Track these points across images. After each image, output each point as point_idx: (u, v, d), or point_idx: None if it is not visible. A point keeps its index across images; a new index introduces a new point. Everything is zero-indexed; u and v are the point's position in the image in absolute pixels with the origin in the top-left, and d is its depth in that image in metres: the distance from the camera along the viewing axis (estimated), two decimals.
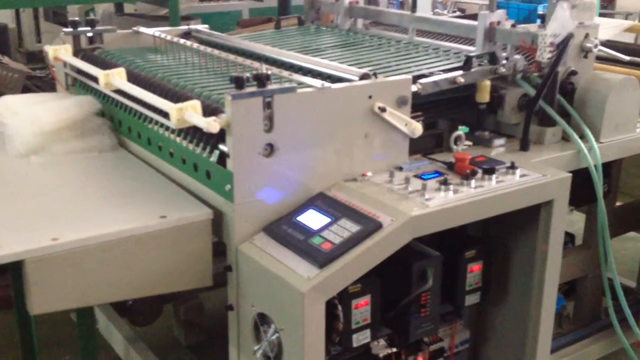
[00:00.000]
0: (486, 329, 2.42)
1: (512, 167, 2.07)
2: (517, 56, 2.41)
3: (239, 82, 1.77)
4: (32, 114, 2.28)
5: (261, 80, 1.80)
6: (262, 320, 1.82)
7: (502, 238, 2.25)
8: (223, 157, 1.87)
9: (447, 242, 2.09)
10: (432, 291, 2.01)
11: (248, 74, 1.80)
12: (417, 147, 2.22)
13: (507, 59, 2.38)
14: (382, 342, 2.10)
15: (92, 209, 1.88)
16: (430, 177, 2.02)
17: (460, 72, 2.25)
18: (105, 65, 2.44)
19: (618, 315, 2.57)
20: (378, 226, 1.77)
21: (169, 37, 2.76)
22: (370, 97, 1.99)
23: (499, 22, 2.51)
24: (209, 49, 2.50)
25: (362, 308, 1.89)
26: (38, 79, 4.75)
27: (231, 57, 2.37)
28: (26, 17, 9.13)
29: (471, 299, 2.19)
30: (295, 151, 1.90)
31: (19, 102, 2.42)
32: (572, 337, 2.79)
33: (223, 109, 1.87)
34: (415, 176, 2.03)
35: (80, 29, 2.72)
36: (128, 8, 5.95)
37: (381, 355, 2.11)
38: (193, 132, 1.99)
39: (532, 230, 2.15)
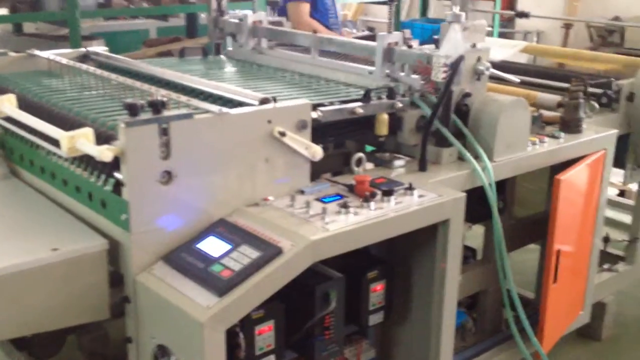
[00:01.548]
0: (391, 346, 2.46)
1: (410, 188, 2.12)
2: (414, 76, 2.48)
3: (132, 109, 1.74)
4: None
5: (156, 107, 1.77)
6: (162, 352, 1.78)
7: (404, 257, 2.30)
8: (118, 186, 1.82)
9: (350, 263, 2.12)
10: (335, 313, 2.03)
11: (142, 101, 1.76)
12: (325, 167, 2.24)
13: (403, 95, 2.44)
14: None
15: None
16: (331, 200, 2.05)
17: (360, 103, 2.30)
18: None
19: (519, 326, 2.67)
20: (278, 251, 1.77)
21: (64, 61, 2.68)
22: (269, 121, 2.00)
23: (396, 43, 2.58)
24: (105, 73, 2.45)
25: (265, 334, 1.88)
26: None
27: (129, 81, 2.33)
28: None
29: (375, 319, 2.22)
30: (195, 177, 1.88)
31: None
32: (475, 350, 2.87)
33: (118, 136, 1.84)
34: (317, 199, 2.05)
35: None
36: (28, 28, 5.75)
37: None
38: (87, 160, 1.94)
39: (431, 248, 2.21)
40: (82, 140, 1.78)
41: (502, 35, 8.35)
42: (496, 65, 2.69)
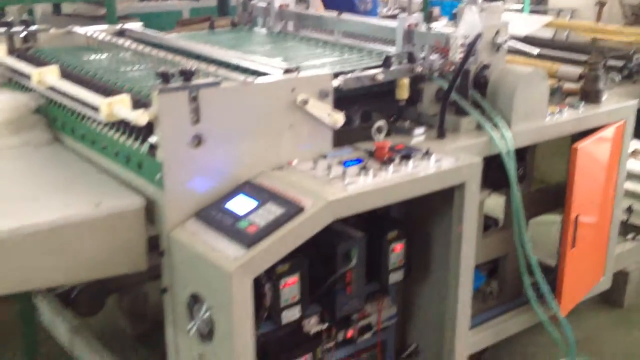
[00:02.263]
0: (411, 305, 2.58)
1: (427, 153, 2.23)
2: (434, 56, 2.58)
3: (165, 77, 1.88)
4: None
5: (186, 75, 1.91)
6: (195, 300, 1.94)
7: (423, 220, 2.42)
8: (153, 148, 1.97)
9: (371, 224, 2.24)
10: (356, 269, 2.16)
11: (174, 70, 1.90)
12: (350, 140, 2.36)
13: (424, 58, 2.53)
14: (313, 319, 2.25)
15: (29, 199, 1.97)
16: (352, 164, 2.17)
17: (380, 69, 2.41)
18: (39, 63, 2.52)
19: (538, 291, 2.76)
20: (300, 209, 1.91)
21: (101, 36, 2.84)
22: (293, 90, 2.12)
23: (416, 24, 2.68)
24: (140, 47, 2.60)
25: (290, 287, 2.02)
26: None
27: (161, 54, 2.48)
28: None
29: (395, 277, 2.34)
30: (223, 142, 2.01)
31: None
32: (494, 313, 2.98)
33: (149, 102, 1.99)
34: (338, 163, 2.17)
35: (13, 29, 2.78)
36: (66, 9, 5.94)
37: (312, 331, 2.25)
38: (124, 126, 2.09)
39: (448, 211, 2.32)
40: (119, 106, 1.93)
41: (533, 12, 8.29)
42: (519, 39, 2.77)
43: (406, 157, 2.18)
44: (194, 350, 1.99)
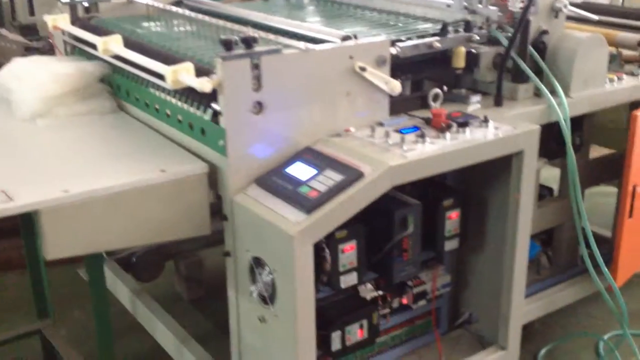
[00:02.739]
0: (466, 274, 2.60)
1: (485, 120, 2.23)
2: (492, 7, 2.55)
3: (227, 45, 1.92)
4: (37, 80, 2.42)
5: (248, 42, 1.94)
6: (257, 263, 1.99)
7: (479, 188, 2.42)
8: (216, 115, 2.02)
9: (427, 192, 2.26)
10: (412, 236, 2.18)
11: (236, 37, 1.94)
12: (404, 109, 2.37)
13: (480, 28, 2.51)
14: (369, 285, 2.29)
15: (97, 164, 2.04)
16: (409, 131, 2.18)
17: (437, 38, 2.40)
18: (102, 32, 2.58)
19: (594, 261, 2.74)
20: (359, 175, 1.93)
21: (161, 5, 2.89)
22: (351, 57, 2.14)
23: None
24: (199, 16, 2.64)
25: (348, 252, 2.06)
26: (34, 50, 4.87)
27: (221, 23, 2.51)
28: None
29: (450, 245, 2.36)
30: (283, 109, 2.05)
31: (23, 66, 2.55)
32: (548, 283, 2.98)
33: (214, 70, 2.03)
34: (395, 131, 2.18)
35: None
36: None
37: (368, 297, 2.29)
38: (187, 93, 2.14)
39: (505, 179, 2.31)
40: (184, 74, 1.98)
41: None
42: (576, 5, 2.72)
43: (464, 124, 2.18)
44: (255, 313, 2.05)
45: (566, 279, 3.04)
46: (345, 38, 2.21)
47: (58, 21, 2.73)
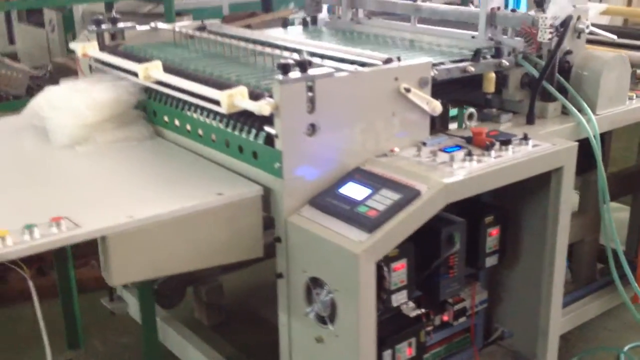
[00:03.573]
0: (501, 289, 2.64)
1: (525, 138, 2.29)
2: (517, 39, 2.63)
3: (285, 69, 1.95)
4: (74, 108, 2.42)
5: (304, 66, 1.98)
6: (315, 283, 2.01)
7: (514, 204, 2.47)
8: (269, 138, 2.05)
9: (468, 209, 2.30)
10: (458, 253, 2.22)
11: (292, 61, 1.97)
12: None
13: (509, 54, 2.58)
14: (410, 303, 2.31)
15: (152, 190, 2.05)
16: (453, 150, 2.23)
17: (470, 62, 2.47)
18: (133, 59, 2.60)
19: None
20: (416, 194, 1.97)
21: (187, 31, 2.92)
22: (396, 79, 2.18)
23: (499, 8, 2.73)
24: (228, 40, 2.67)
25: (399, 271, 2.09)
26: (38, 79, 4.87)
27: (258, 47, 2.54)
28: None
29: (491, 261, 2.40)
30: (334, 130, 2.08)
31: (58, 94, 2.55)
32: (574, 296, 3.03)
33: (264, 93, 2.06)
34: (440, 150, 2.23)
35: (103, 26, 2.86)
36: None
37: (412, 315, 2.32)
38: (236, 117, 2.16)
39: (543, 196, 2.37)
40: (239, 98, 2.00)
41: None
42: (596, 25, 2.81)
43: (506, 142, 2.24)
44: (311, 334, 2.06)
45: (589, 293, 3.10)
46: (387, 61, 2.26)
47: (88, 49, 2.74)
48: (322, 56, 2.36)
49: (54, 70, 5.32)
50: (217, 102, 2.10)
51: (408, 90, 2.20)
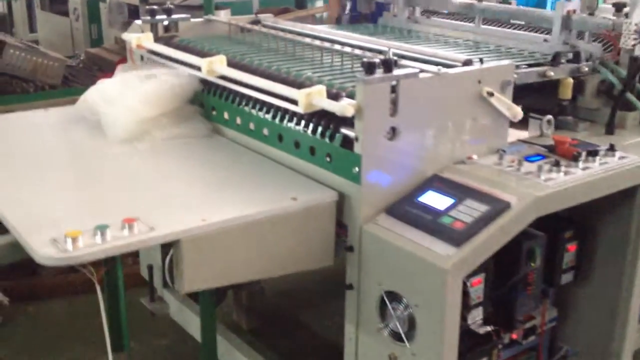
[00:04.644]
0: (570, 307, 2.50)
1: (612, 149, 2.15)
2: (595, 44, 2.49)
3: (370, 68, 1.82)
4: (130, 104, 2.31)
5: (389, 65, 1.85)
6: (391, 297, 1.88)
7: (590, 218, 2.34)
8: (346, 141, 1.92)
9: (546, 223, 2.16)
10: (538, 270, 2.09)
11: (377, 60, 1.84)
12: None
13: (587, 60, 2.45)
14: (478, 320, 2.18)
15: (224, 191, 1.92)
16: (536, 159, 2.10)
17: (550, 66, 2.34)
18: (192, 52, 2.48)
19: None
20: (506, 206, 1.84)
21: (242, 24, 2.81)
22: (479, 82, 2.06)
23: (574, 11, 2.59)
24: (297, 37, 2.54)
25: (476, 286, 1.96)
26: (71, 68, 4.77)
27: (326, 44, 2.42)
28: (19, 6, 9.06)
29: (566, 278, 2.27)
30: (414, 134, 1.96)
31: (111, 88, 2.43)
32: None
33: (341, 93, 1.94)
34: (521, 158, 2.10)
35: (157, 17, 2.75)
36: None
37: (481, 332, 2.18)
38: (309, 117, 2.03)
39: (626, 210, 2.23)
40: (318, 97, 1.88)
41: None
42: None
43: (593, 153, 2.10)
44: (383, 351, 1.94)
45: None
46: (466, 62, 2.13)
47: (142, 40, 2.62)
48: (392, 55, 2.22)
49: (87, 60, 5.22)
50: (290, 101, 1.98)
51: (491, 94, 2.07)
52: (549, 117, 2.35)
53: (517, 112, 2.13)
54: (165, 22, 2.78)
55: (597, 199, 2.09)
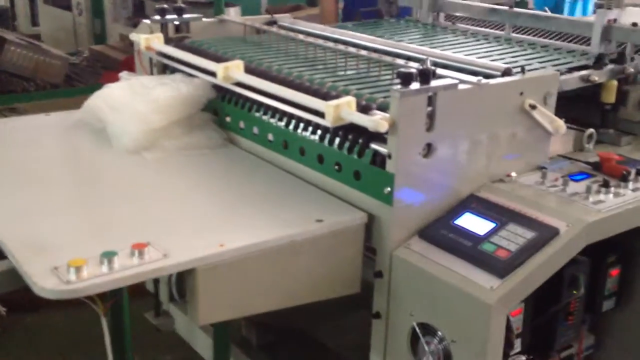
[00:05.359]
0: (606, 334, 2.33)
1: None
2: (637, 56, 2.32)
3: (406, 79, 1.65)
4: (138, 112, 2.14)
5: (426, 76, 1.68)
6: (424, 330, 1.71)
7: (631, 240, 2.16)
8: (376, 157, 1.76)
9: (591, 247, 2.00)
10: (581, 298, 1.92)
11: (414, 70, 1.67)
12: None
13: (632, 58, 2.28)
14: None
15: (242, 211, 1.75)
16: (581, 178, 1.93)
17: (593, 70, 2.16)
18: (205, 55, 2.32)
19: None
20: (554, 232, 1.67)
21: (258, 25, 2.64)
22: (521, 93, 1.89)
23: (615, 20, 2.42)
24: (319, 40, 2.37)
25: (516, 317, 1.79)
26: (74, 66, 4.60)
27: (351, 49, 2.25)
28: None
29: (608, 305, 2.10)
30: (450, 151, 1.79)
31: (117, 95, 2.27)
32: None
33: (372, 105, 1.77)
34: (563, 177, 1.93)
35: (167, 17, 2.58)
36: None
37: None
38: (335, 130, 1.86)
39: None
40: (347, 110, 1.71)
41: None
42: None
43: None
44: None
45: None
46: (506, 71, 1.96)
47: (152, 41, 2.45)
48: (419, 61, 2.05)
49: (90, 57, 5.05)
50: (315, 112, 1.81)
51: (534, 107, 1.90)
52: (591, 130, 2.18)
53: (560, 126, 1.96)
54: (176, 22, 2.61)
55: None
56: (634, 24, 2.40)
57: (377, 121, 1.63)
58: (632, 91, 2.28)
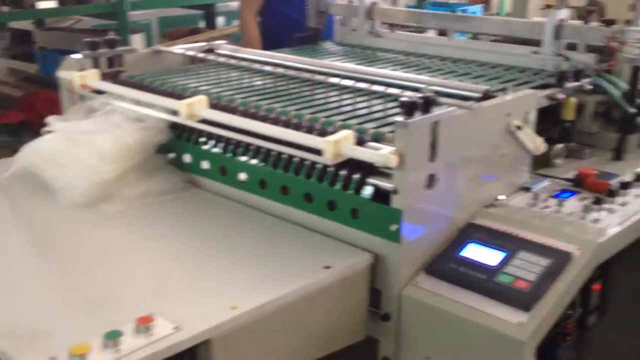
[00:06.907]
0: (585, 348, 2.33)
1: (639, 179, 2.00)
2: (589, 55, 2.35)
3: (410, 108, 1.55)
4: (84, 163, 1.91)
5: (429, 104, 1.59)
6: None
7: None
8: (377, 194, 1.64)
9: None
10: (578, 318, 1.89)
11: (418, 100, 1.57)
12: None
13: (587, 75, 2.31)
14: None
15: (241, 266, 1.57)
16: (567, 196, 1.91)
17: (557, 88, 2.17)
18: (152, 91, 2.12)
19: None
20: (567, 257, 1.62)
21: (196, 54, 2.47)
22: (508, 114, 1.84)
23: (566, 19, 2.44)
24: (279, 69, 2.23)
25: None
26: None
27: (305, 74, 2.13)
28: None
29: (592, 320, 2.09)
30: (448, 180, 1.70)
31: (54, 148, 2.01)
32: None
33: (365, 138, 1.66)
34: (551, 196, 1.90)
35: (99, 50, 2.34)
36: (50, 22, 5.35)
37: None
38: (324, 166, 1.73)
39: None
40: (347, 146, 1.58)
41: None
42: None
43: (625, 185, 1.94)
44: None
45: None
46: (487, 92, 1.91)
47: (87, 78, 2.20)
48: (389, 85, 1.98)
49: None
50: (305, 148, 1.67)
51: (519, 127, 1.86)
52: (561, 146, 2.18)
53: (540, 144, 1.94)
54: (108, 56, 2.37)
55: None
56: (585, 22, 2.44)
57: (386, 156, 1.51)
58: (588, 103, 2.31)
